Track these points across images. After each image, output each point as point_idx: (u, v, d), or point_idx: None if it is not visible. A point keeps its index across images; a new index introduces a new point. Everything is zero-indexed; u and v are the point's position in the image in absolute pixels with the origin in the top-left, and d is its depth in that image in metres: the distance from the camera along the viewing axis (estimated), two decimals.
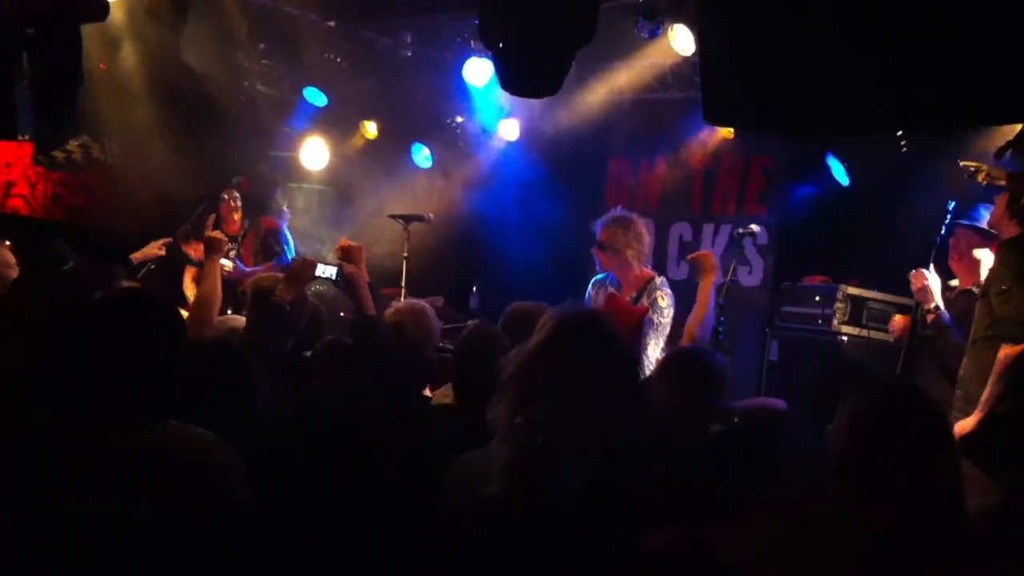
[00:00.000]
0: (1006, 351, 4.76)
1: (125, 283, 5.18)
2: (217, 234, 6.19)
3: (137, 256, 7.08)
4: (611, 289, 5.91)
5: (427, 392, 4.64)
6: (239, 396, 3.12)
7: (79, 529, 1.70)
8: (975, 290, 5.66)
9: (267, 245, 7.79)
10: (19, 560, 1.85)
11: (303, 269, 4.99)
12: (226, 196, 7.78)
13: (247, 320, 4.96)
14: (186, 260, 7.78)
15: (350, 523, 2.12)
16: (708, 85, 4.21)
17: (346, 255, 5.30)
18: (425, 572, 2.13)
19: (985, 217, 5.61)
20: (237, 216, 7.81)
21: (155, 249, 7.27)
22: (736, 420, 3.60)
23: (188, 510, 1.75)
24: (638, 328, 5.62)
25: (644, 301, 5.76)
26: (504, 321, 4.75)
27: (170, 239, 7.41)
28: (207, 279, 5.50)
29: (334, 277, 5.07)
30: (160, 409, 2.31)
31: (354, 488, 2.17)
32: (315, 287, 5.88)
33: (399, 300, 6.42)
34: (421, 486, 2.29)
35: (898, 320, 6.04)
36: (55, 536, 1.78)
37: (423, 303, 5.43)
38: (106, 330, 2.51)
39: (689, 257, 5.58)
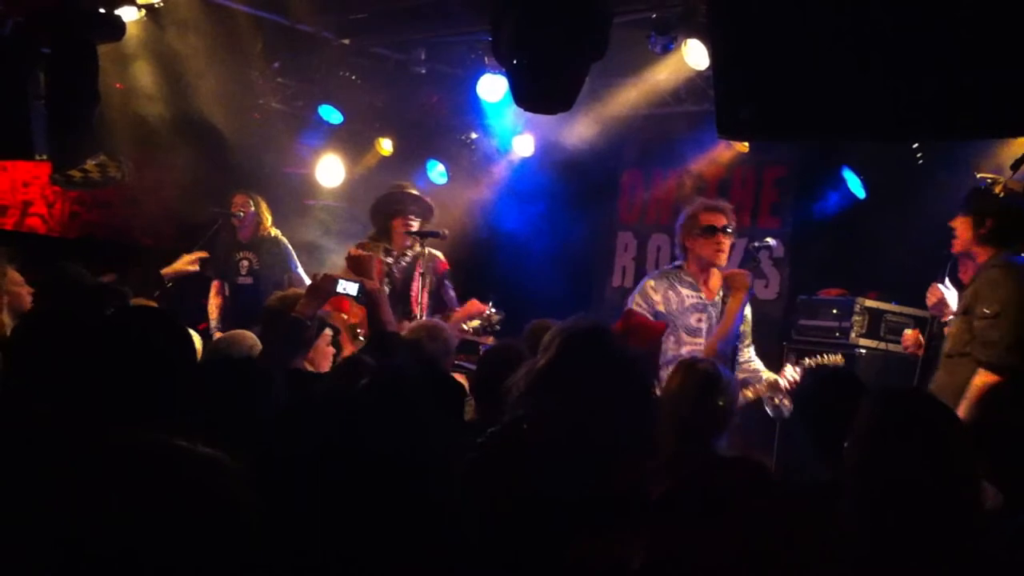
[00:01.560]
0: (985, 379, 4.77)
1: (135, 301, 5.16)
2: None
3: (168, 271, 6.98)
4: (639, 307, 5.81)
5: None
6: (246, 403, 3.13)
7: (70, 531, 1.71)
8: None
9: (442, 289, 7.06)
10: (10, 562, 1.86)
11: (324, 285, 4.98)
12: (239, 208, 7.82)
13: (263, 335, 4.97)
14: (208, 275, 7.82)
15: (354, 532, 2.12)
16: (721, 99, 4.20)
17: (355, 265, 5.30)
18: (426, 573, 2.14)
19: None
20: (250, 225, 7.83)
21: (186, 264, 7.12)
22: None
23: (179, 519, 1.76)
24: (658, 344, 5.59)
25: None
26: (527, 338, 4.77)
27: (205, 253, 7.28)
28: None
29: (355, 293, 5.05)
30: (161, 418, 2.33)
31: (359, 497, 2.18)
32: None
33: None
34: (427, 494, 2.30)
35: (909, 334, 6.01)
36: (46, 536, 1.78)
37: (437, 319, 5.47)
38: (108, 340, 2.54)
39: (725, 273, 5.56)
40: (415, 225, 7.03)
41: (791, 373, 5.66)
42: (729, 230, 5.74)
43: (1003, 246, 5.15)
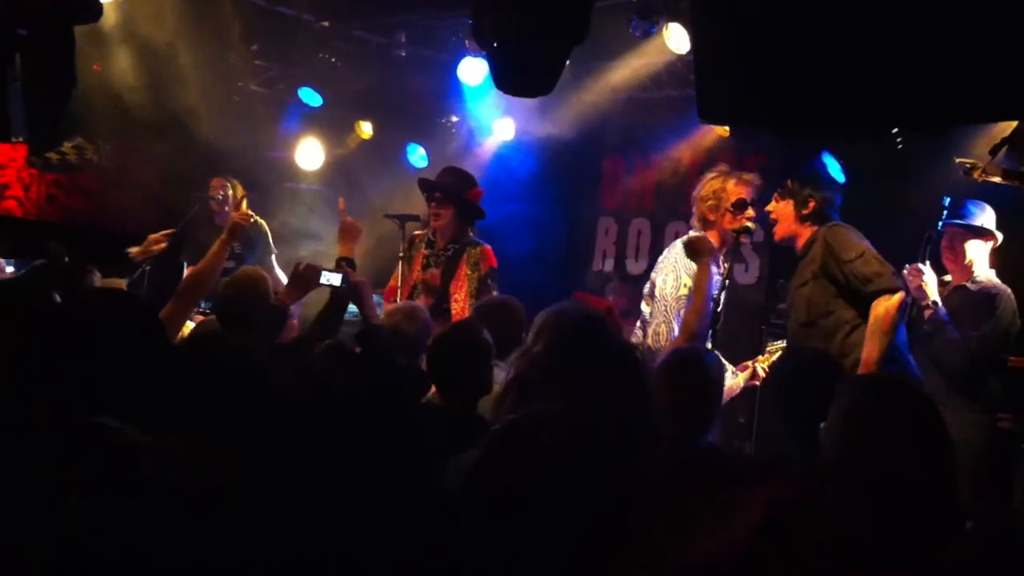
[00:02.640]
0: (887, 304, 4.96)
1: (98, 282, 5.05)
2: (239, 216, 5.85)
3: (137, 252, 6.87)
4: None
5: None
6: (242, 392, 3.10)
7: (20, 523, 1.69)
8: (969, 285, 5.68)
9: (485, 287, 6.23)
10: None
11: (307, 274, 4.94)
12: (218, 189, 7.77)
13: (223, 322, 4.87)
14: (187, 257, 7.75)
15: (343, 524, 2.12)
16: (702, 84, 4.19)
17: (341, 232, 5.29)
18: (420, 572, 2.13)
19: (975, 214, 5.67)
20: (228, 209, 7.76)
21: (155, 245, 6.92)
22: None
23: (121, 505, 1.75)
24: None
25: None
26: (475, 314, 4.81)
27: (172, 231, 7.13)
28: (210, 257, 5.28)
29: (338, 284, 4.98)
30: (131, 406, 2.30)
31: (348, 489, 2.17)
32: None
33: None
34: (415, 486, 2.29)
35: None
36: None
37: (414, 302, 5.45)
38: (66, 327, 2.50)
39: (684, 240, 5.43)
40: (439, 213, 6.38)
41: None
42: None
43: (822, 223, 5.41)
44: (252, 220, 7.83)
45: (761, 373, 5.70)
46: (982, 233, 5.71)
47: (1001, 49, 3.45)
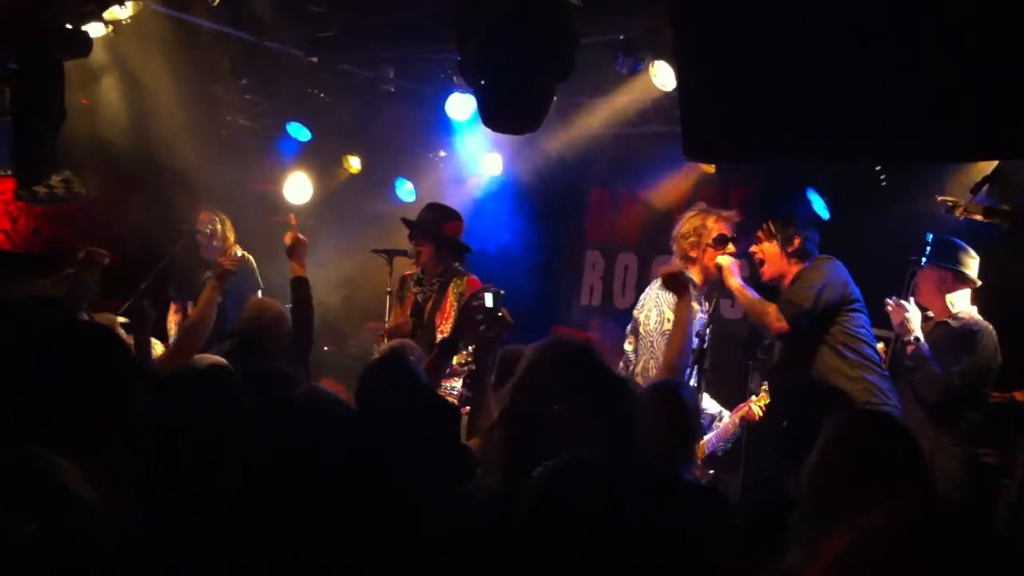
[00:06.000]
0: (768, 307, 5.39)
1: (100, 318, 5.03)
2: (227, 261, 5.77)
3: (80, 260, 6.49)
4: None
5: None
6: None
7: None
8: (951, 322, 5.73)
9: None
10: None
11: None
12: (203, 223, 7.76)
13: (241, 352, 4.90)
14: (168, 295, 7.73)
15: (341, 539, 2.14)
16: (687, 121, 4.24)
17: (291, 249, 5.31)
18: None
19: (963, 261, 5.74)
20: (216, 243, 7.75)
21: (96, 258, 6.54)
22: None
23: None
24: None
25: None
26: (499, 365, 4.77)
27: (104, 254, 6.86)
28: (204, 305, 5.33)
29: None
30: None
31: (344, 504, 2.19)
32: None
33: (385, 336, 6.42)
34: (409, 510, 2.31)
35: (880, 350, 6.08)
36: None
37: (403, 340, 5.44)
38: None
39: (662, 271, 5.42)
40: (419, 250, 6.39)
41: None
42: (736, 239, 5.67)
43: (805, 260, 5.59)
44: (240, 255, 7.82)
45: (757, 413, 5.72)
46: (966, 280, 5.77)
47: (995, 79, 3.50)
